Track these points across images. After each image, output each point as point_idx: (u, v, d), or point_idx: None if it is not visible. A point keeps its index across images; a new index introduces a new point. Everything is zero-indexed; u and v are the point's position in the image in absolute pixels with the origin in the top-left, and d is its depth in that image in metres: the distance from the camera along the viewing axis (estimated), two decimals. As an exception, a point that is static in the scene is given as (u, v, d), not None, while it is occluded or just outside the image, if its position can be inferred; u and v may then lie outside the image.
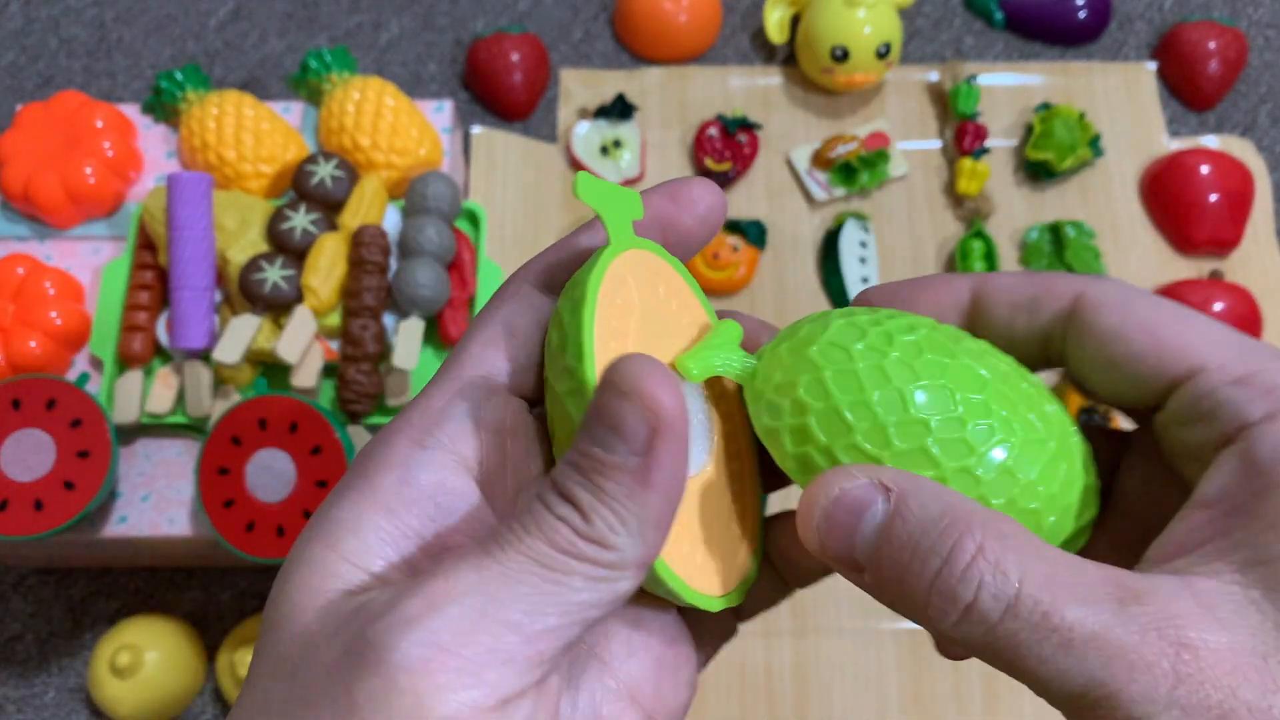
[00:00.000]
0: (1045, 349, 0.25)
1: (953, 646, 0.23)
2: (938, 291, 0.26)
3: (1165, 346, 0.23)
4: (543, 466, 0.24)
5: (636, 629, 0.24)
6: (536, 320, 0.24)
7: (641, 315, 0.24)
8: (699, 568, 0.24)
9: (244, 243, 0.62)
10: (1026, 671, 0.20)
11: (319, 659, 0.19)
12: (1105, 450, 0.26)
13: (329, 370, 0.62)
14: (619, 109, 0.76)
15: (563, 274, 0.25)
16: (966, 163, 0.74)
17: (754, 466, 0.27)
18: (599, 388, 0.20)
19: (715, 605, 0.24)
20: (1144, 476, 0.25)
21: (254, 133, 0.67)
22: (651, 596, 0.24)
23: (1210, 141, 0.77)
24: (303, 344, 0.59)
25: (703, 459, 0.25)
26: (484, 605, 0.19)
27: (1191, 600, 0.20)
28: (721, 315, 0.27)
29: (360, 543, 0.21)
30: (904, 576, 0.21)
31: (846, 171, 0.75)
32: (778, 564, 0.27)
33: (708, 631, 0.26)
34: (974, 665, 0.63)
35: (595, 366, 0.22)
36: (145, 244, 0.63)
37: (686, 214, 0.25)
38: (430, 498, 0.22)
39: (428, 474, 0.22)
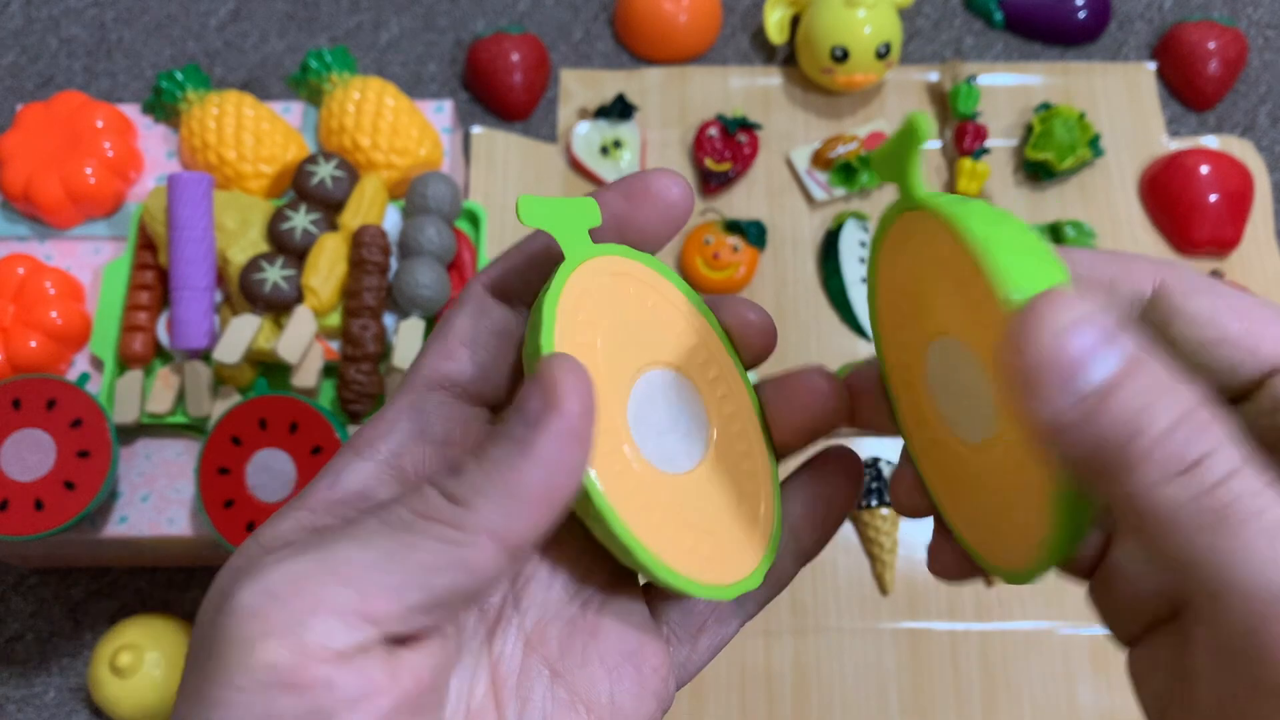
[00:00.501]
0: None
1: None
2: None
3: (1260, 333, 0.22)
4: None
5: (593, 638, 0.24)
6: (491, 329, 0.24)
7: (610, 324, 0.24)
8: (705, 559, 0.24)
9: (244, 243, 0.62)
10: (1200, 553, 0.18)
11: (204, 617, 0.20)
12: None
13: (329, 370, 0.62)
14: (619, 109, 0.76)
15: (517, 280, 0.25)
16: (966, 163, 0.74)
17: (766, 456, 0.27)
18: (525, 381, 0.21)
19: (728, 594, 0.24)
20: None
21: (254, 133, 0.67)
22: (612, 606, 0.25)
23: (1210, 142, 0.77)
24: (303, 344, 0.59)
25: (699, 455, 0.25)
26: (324, 559, 0.19)
27: None
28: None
29: (274, 531, 0.22)
30: (1135, 433, 0.18)
31: (846, 171, 0.75)
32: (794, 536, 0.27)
33: (700, 630, 0.26)
34: (974, 665, 0.63)
35: None
36: (145, 244, 0.64)
37: (643, 210, 0.25)
38: (350, 503, 0.22)
39: (355, 480, 0.23)
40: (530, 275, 0.25)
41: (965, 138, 0.75)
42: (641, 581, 0.26)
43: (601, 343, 0.24)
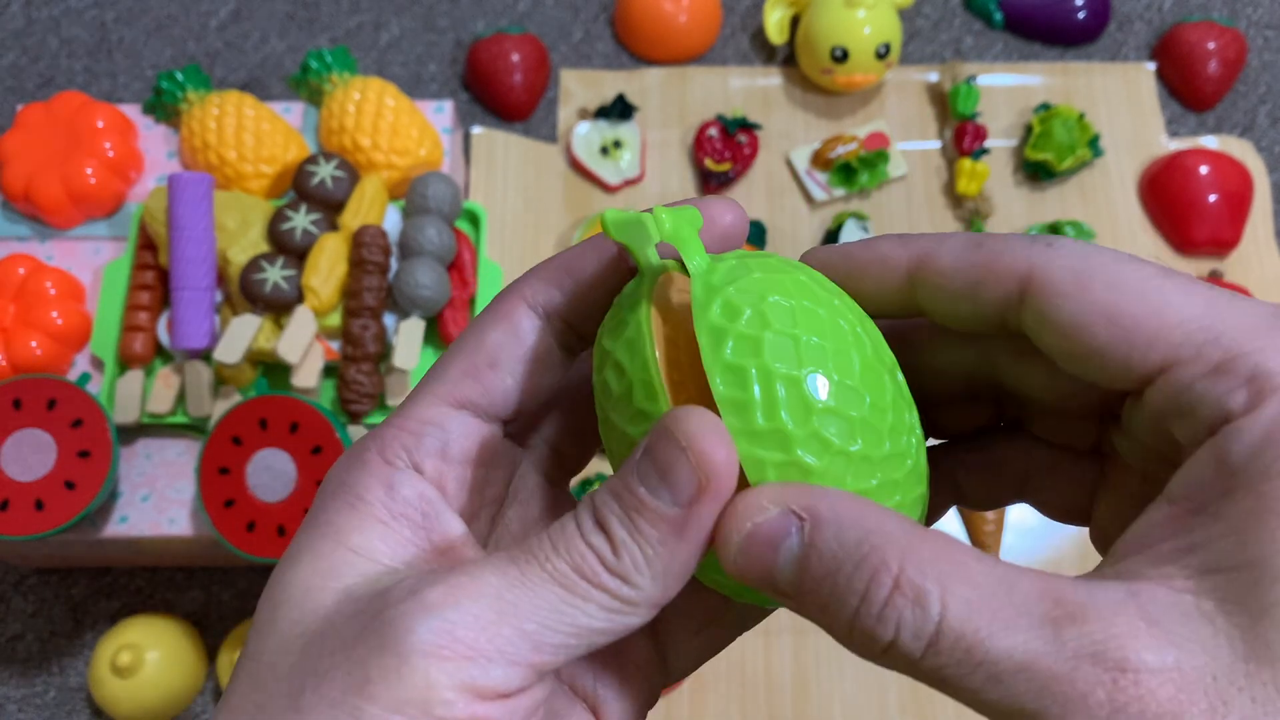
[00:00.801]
0: (1003, 332, 0.23)
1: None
2: (870, 274, 0.24)
3: (1132, 337, 0.20)
4: (500, 495, 0.25)
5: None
6: (523, 355, 0.24)
7: (686, 340, 0.23)
8: None
9: (244, 243, 0.62)
10: (960, 698, 0.19)
11: (335, 635, 0.20)
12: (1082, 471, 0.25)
13: (329, 370, 0.62)
14: (619, 109, 0.76)
15: (574, 303, 0.24)
16: (966, 163, 0.74)
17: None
18: (656, 429, 0.20)
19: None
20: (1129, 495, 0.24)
21: (254, 133, 0.67)
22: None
23: (1209, 142, 0.77)
24: (303, 344, 0.59)
25: None
26: (502, 608, 0.20)
27: (1136, 613, 0.18)
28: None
29: (364, 539, 0.22)
30: (826, 609, 0.20)
31: (846, 172, 0.75)
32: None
33: (696, 631, 0.26)
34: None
35: (671, 406, 0.22)
36: (146, 244, 0.64)
37: (707, 239, 0.24)
38: (416, 506, 0.23)
39: (409, 488, 0.23)
40: (585, 297, 0.24)
41: (965, 138, 0.75)
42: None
43: (685, 360, 0.23)
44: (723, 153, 0.76)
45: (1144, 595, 0.18)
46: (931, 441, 0.27)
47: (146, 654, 0.61)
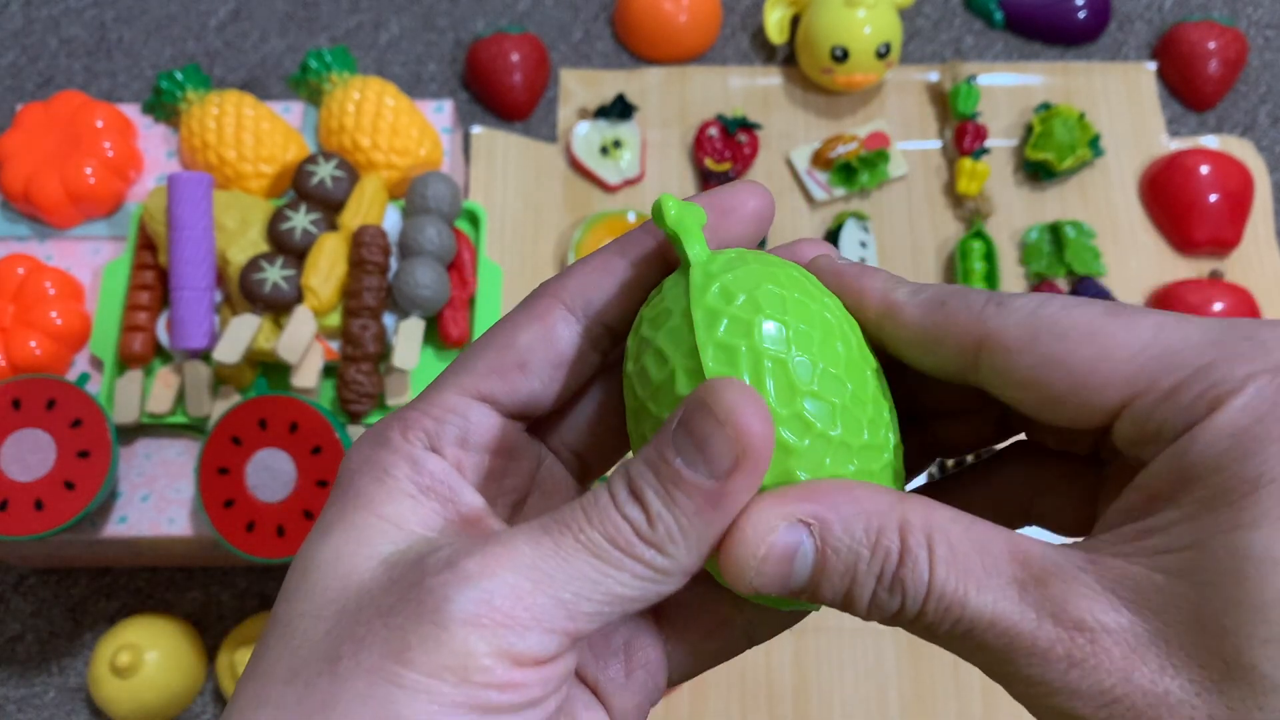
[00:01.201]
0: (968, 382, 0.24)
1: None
2: (848, 302, 0.24)
3: (1087, 381, 0.21)
4: (520, 485, 0.25)
5: None
6: (554, 359, 0.24)
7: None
8: None
9: (244, 243, 0.62)
10: (945, 647, 0.21)
11: (372, 603, 0.21)
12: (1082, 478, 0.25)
13: (329, 370, 0.62)
14: (619, 109, 0.76)
15: (612, 302, 0.24)
16: (966, 163, 0.74)
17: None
18: (693, 400, 0.21)
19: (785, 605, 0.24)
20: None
21: (254, 133, 0.67)
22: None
23: (1210, 142, 0.77)
24: (303, 344, 0.59)
25: None
26: (537, 578, 0.20)
27: (1094, 579, 0.20)
28: None
29: (397, 509, 0.22)
30: (847, 595, 0.21)
31: (846, 171, 0.75)
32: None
33: (706, 636, 0.26)
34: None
35: None
36: (145, 244, 0.64)
37: (733, 223, 0.25)
38: (442, 480, 0.23)
39: (433, 463, 0.23)
40: (618, 291, 0.25)
41: (965, 138, 0.75)
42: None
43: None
44: (723, 152, 0.76)
45: (1103, 564, 0.20)
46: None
47: (146, 654, 0.61)
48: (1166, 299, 0.71)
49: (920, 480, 0.28)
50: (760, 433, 0.20)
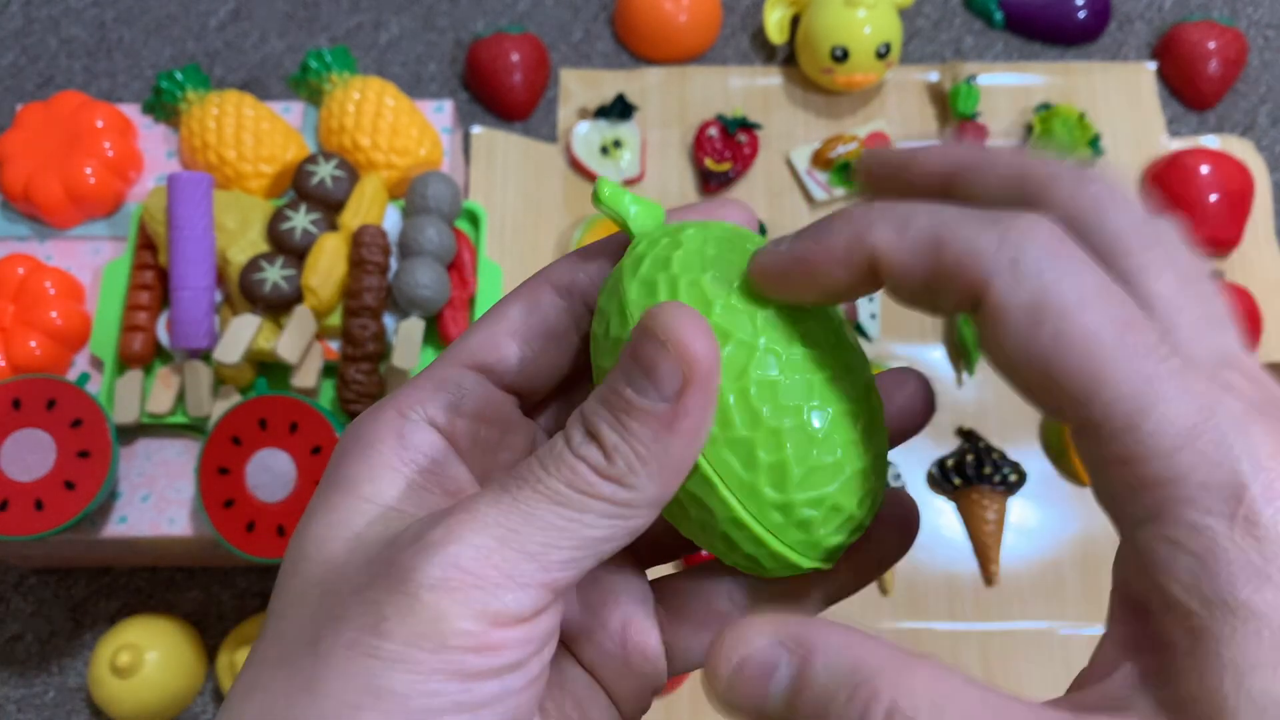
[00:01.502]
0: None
1: None
2: (833, 270, 0.22)
3: (1069, 392, 0.20)
4: (514, 461, 0.25)
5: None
6: (544, 327, 0.25)
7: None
8: None
9: (244, 243, 0.62)
10: None
11: (348, 582, 0.21)
12: None
13: (329, 370, 0.62)
14: (619, 109, 0.76)
15: (585, 279, 0.25)
16: (966, 163, 0.74)
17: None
18: (636, 330, 0.21)
19: (796, 570, 0.24)
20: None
21: (254, 133, 0.67)
22: (606, 582, 0.25)
23: (1210, 141, 0.77)
24: (303, 344, 0.59)
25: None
26: (502, 535, 0.20)
27: None
28: None
29: (376, 487, 0.23)
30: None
31: (846, 171, 0.75)
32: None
33: (708, 625, 0.26)
34: (974, 665, 0.63)
35: None
36: (145, 244, 0.64)
37: None
38: (427, 455, 0.24)
39: (420, 436, 0.24)
40: (601, 276, 0.25)
41: (965, 138, 0.75)
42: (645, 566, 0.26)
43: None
44: (723, 152, 0.76)
45: None
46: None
47: (146, 654, 0.61)
48: (1166, 299, 0.71)
49: (920, 480, 0.28)
50: (702, 348, 0.20)
